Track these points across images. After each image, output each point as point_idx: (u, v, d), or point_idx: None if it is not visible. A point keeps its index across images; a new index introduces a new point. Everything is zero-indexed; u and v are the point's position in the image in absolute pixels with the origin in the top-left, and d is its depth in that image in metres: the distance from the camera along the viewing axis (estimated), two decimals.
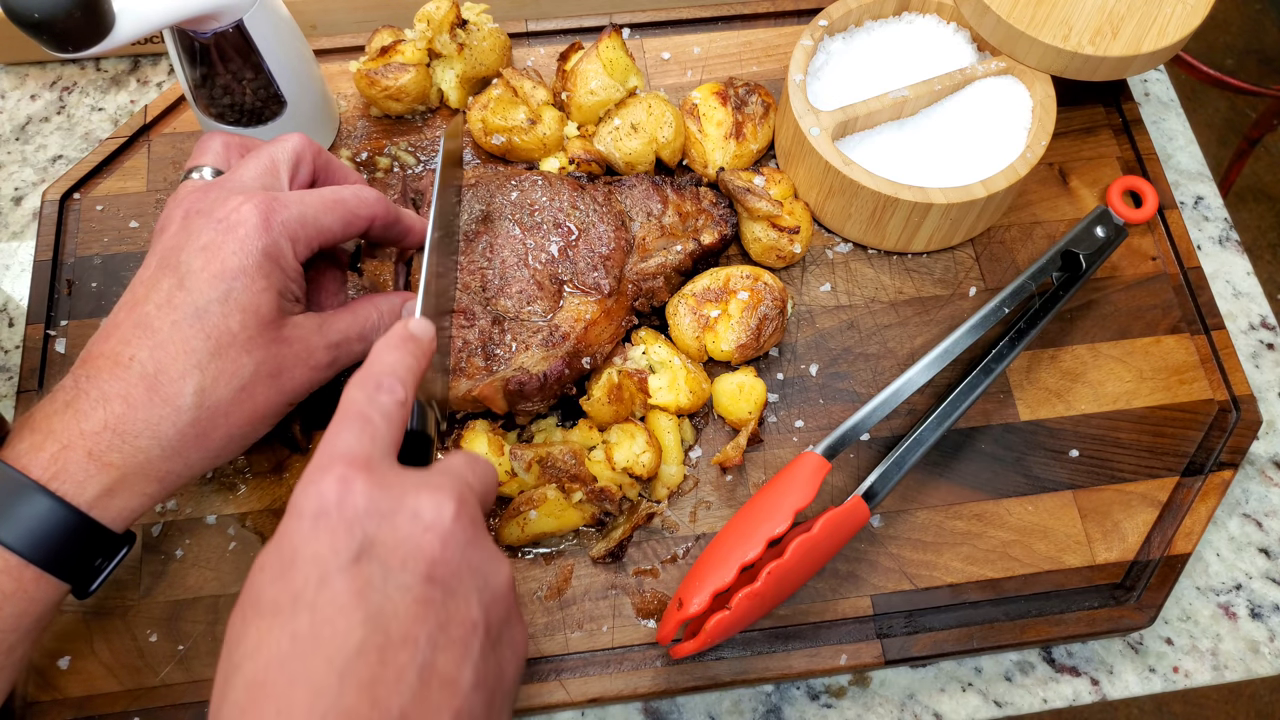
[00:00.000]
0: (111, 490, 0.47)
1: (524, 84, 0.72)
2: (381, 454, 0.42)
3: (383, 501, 0.40)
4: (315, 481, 0.40)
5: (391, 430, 0.43)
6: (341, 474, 0.40)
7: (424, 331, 0.48)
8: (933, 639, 0.60)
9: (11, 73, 0.82)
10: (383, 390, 0.44)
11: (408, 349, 0.46)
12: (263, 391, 0.51)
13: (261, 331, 0.50)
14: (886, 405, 0.61)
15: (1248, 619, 0.64)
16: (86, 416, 0.47)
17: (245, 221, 0.50)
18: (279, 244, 0.51)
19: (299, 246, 0.52)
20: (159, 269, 0.50)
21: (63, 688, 0.58)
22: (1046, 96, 0.71)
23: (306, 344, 0.53)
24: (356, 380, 0.44)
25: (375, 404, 0.43)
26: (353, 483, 0.40)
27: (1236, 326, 0.75)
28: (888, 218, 0.69)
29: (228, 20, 0.61)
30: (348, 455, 0.41)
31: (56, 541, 0.45)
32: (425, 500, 0.41)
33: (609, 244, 0.65)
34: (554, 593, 0.61)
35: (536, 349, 0.61)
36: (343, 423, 0.42)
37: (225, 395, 0.49)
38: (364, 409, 0.43)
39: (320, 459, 0.41)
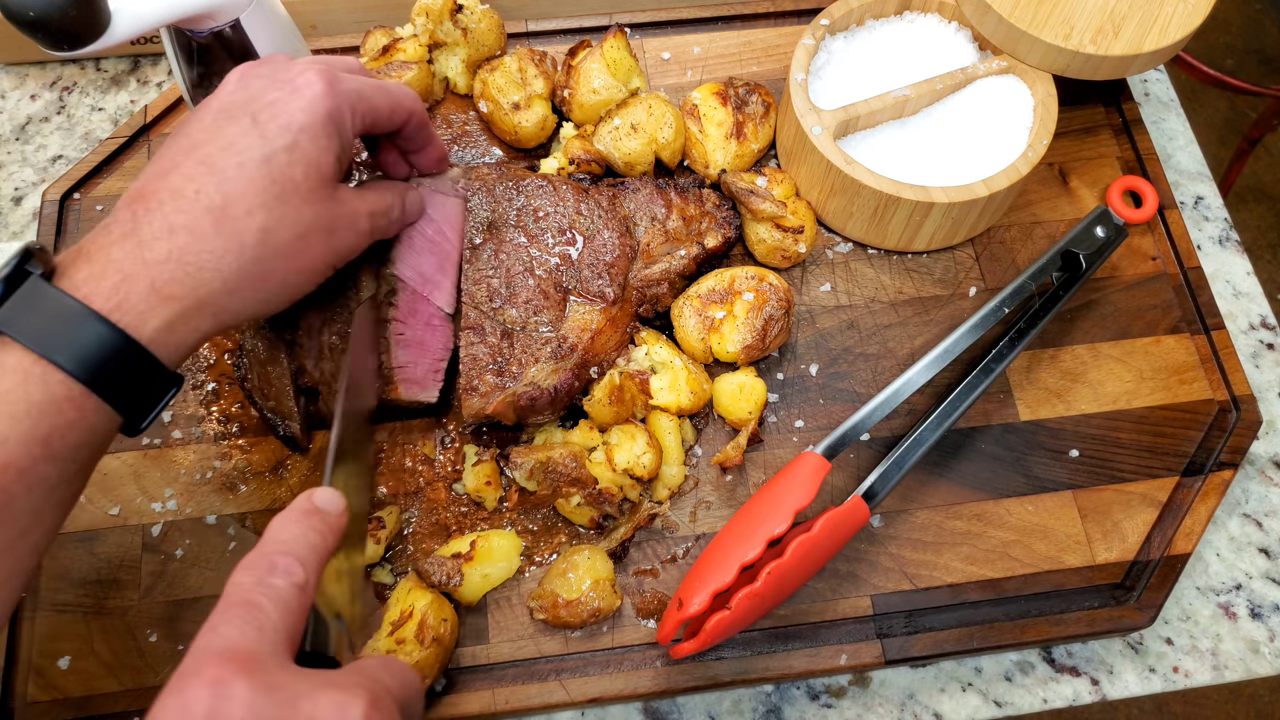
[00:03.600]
0: (171, 324, 0.46)
1: (529, 68, 0.73)
2: (271, 648, 0.35)
3: (267, 709, 0.33)
4: (179, 690, 0.34)
5: (287, 619, 0.37)
6: (215, 676, 0.33)
7: (332, 504, 0.43)
8: (933, 639, 0.60)
9: (11, 73, 0.82)
10: (276, 572, 0.38)
11: (309, 524, 0.41)
12: (318, 243, 0.51)
13: (321, 186, 0.51)
14: (886, 405, 0.61)
15: (1248, 619, 0.64)
16: (150, 246, 0.46)
17: (311, 85, 0.51)
18: (341, 110, 0.51)
19: (356, 119, 0.53)
20: (219, 118, 0.50)
21: (63, 688, 0.58)
22: (1048, 95, 0.71)
23: (353, 208, 0.54)
24: (245, 562, 0.39)
25: (266, 588, 0.37)
26: (229, 687, 0.33)
27: (1236, 326, 0.75)
28: (889, 217, 0.69)
29: (224, 19, 0.61)
30: (226, 651, 0.34)
31: (118, 372, 0.44)
32: (325, 702, 0.34)
33: (613, 251, 0.65)
34: None
35: (546, 362, 0.61)
36: (223, 613, 0.36)
37: (287, 239, 0.49)
38: (250, 594, 0.37)
39: (191, 660, 0.35)
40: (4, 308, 0.43)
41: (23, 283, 0.44)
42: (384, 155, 0.63)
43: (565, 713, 0.61)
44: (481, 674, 0.59)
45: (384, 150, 0.63)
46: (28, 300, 0.43)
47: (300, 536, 0.40)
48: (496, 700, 0.58)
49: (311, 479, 0.64)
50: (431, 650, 0.56)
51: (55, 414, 0.42)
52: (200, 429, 0.66)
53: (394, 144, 0.62)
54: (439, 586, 0.58)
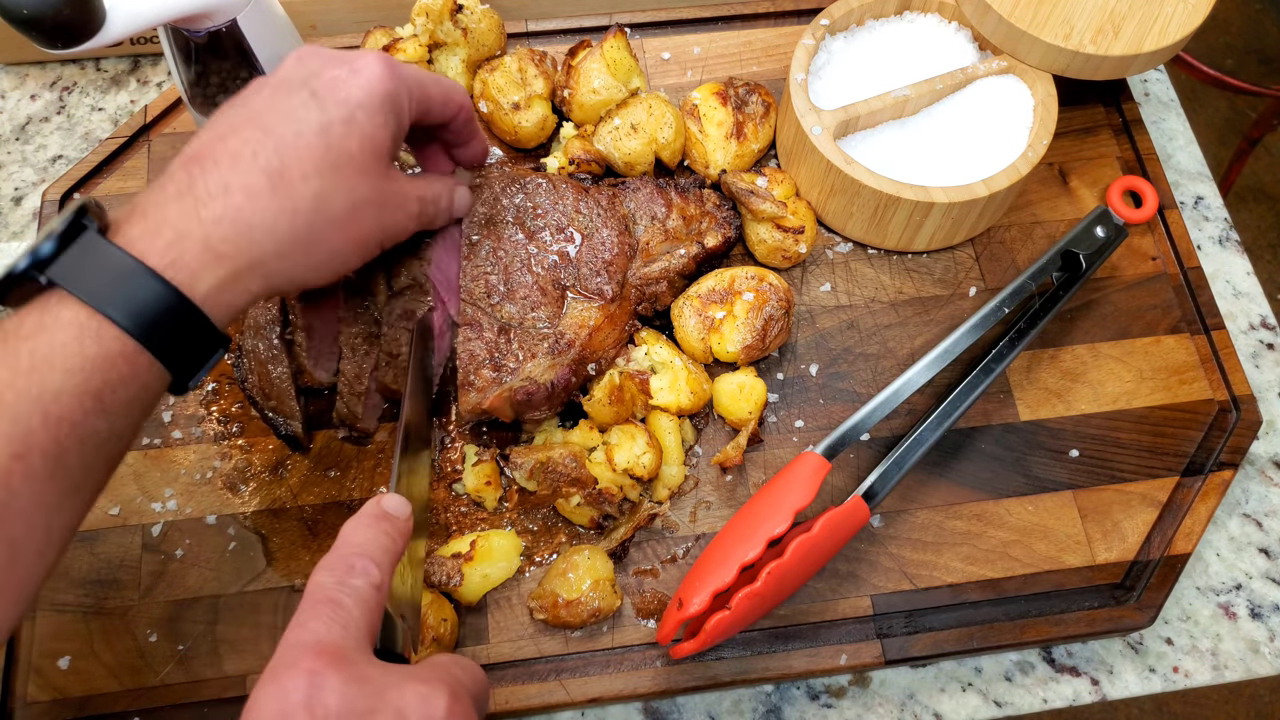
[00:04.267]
0: (223, 284, 0.46)
1: (529, 68, 0.73)
2: (356, 643, 0.38)
3: (360, 699, 0.35)
4: (278, 678, 0.35)
5: (366, 616, 0.39)
6: (310, 668, 0.35)
7: (399, 509, 0.45)
8: (933, 639, 0.60)
9: (11, 73, 0.82)
10: (355, 573, 0.40)
11: (381, 528, 0.43)
12: (369, 217, 0.52)
13: (375, 162, 0.51)
14: (886, 405, 0.61)
15: (1248, 619, 0.64)
16: (205, 205, 0.45)
17: (371, 66, 0.51)
18: (399, 92, 0.52)
19: (412, 104, 0.54)
20: (277, 90, 0.50)
21: (63, 688, 0.58)
22: (1048, 95, 0.71)
23: (404, 189, 0.55)
24: (325, 563, 0.41)
25: (347, 587, 0.39)
26: (323, 678, 0.35)
27: (1236, 326, 0.74)
28: (889, 217, 0.69)
29: (221, 19, 0.61)
30: (316, 645, 0.36)
31: (170, 330, 0.44)
32: (412, 695, 0.36)
33: (612, 249, 0.65)
34: None
35: (543, 357, 0.61)
36: (310, 610, 0.38)
37: (340, 208, 0.49)
38: (333, 593, 0.39)
39: (284, 653, 0.37)
40: (59, 262, 0.43)
41: (78, 237, 0.43)
42: (427, 150, 0.63)
43: (565, 713, 0.61)
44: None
45: (427, 145, 0.63)
46: (83, 255, 0.43)
47: (373, 540, 0.42)
48: (496, 700, 0.58)
49: (311, 478, 0.64)
50: (431, 650, 0.56)
51: (108, 369, 0.42)
52: (200, 429, 0.66)
53: (439, 138, 0.62)
54: (439, 586, 0.58)
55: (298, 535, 0.63)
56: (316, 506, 0.63)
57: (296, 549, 0.62)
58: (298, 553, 0.62)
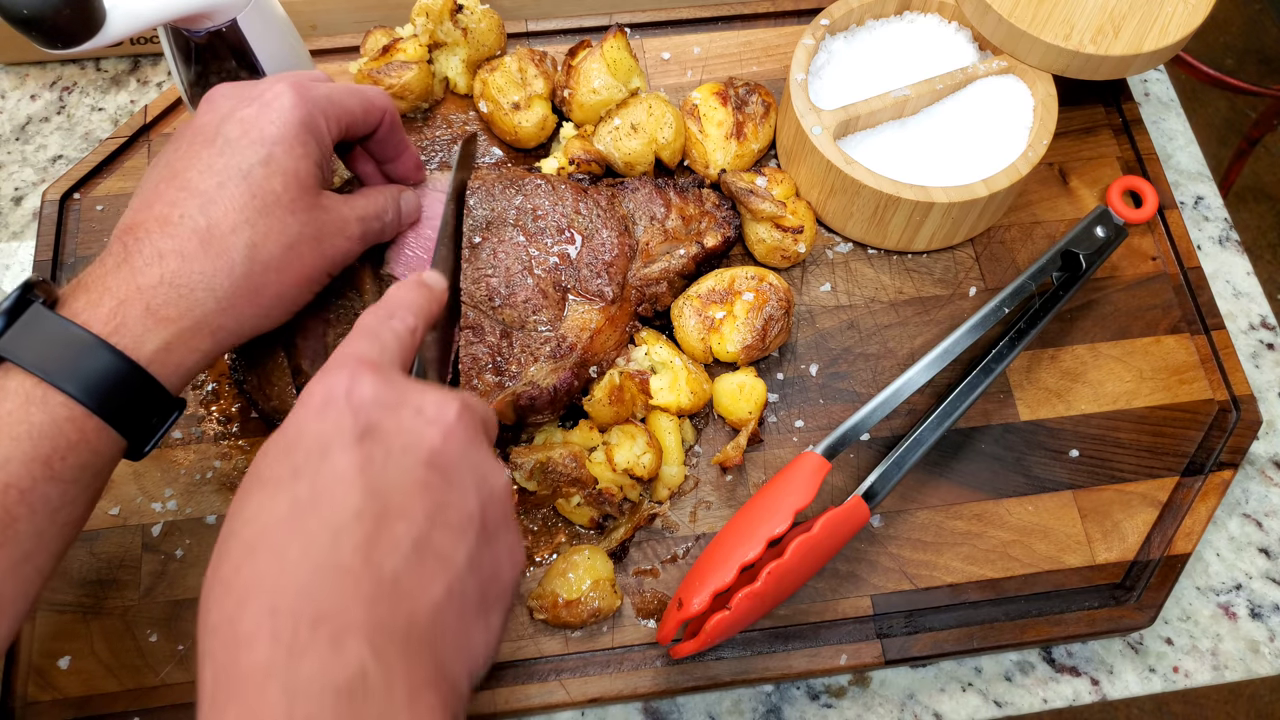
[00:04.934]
0: (169, 345, 0.48)
1: (529, 68, 0.73)
2: (390, 362, 0.43)
3: (388, 395, 0.41)
4: (325, 376, 0.41)
5: (401, 348, 0.45)
6: (352, 370, 0.41)
7: (436, 281, 0.50)
8: (933, 639, 0.60)
9: (11, 73, 0.82)
10: (395, 317, 0.46)
11: (420, 291, 0.48)
12: (309, 252, 0.53)
13: (302, 195, 0.52)
14: (886, 405, 0.61)
15: (1248, 619, 0.64)
16: (142, 273, 0.47)
17: (280, 97, 0.52)
18: (314, 117, 0.53)
19: (330, 124, 0.54)
20: (194, 143, 0.51)
21: (63, 688, 0.58)
22: (1048, 95, 0.71)
23: (340, 214, 0.55)
24: (370, 309, 0.46)
25: (387, 325, 0.45)
26: (361, 376, 0.41)
27: (1236, 326, 0.75)
28: (889, 217, 0.69)
29: (221, 19, 0.61)
30: (359, 356, 0.42)
31: (118, 394, 0.46)
32: (429, 398, 0.42)
33: (612, 250, 0.65)
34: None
35: (545, 361, 0.61)
36: (355, 336, 0.44)
37: (275, 251, 0.51)
38: (375, 328, 0.45)
39: (333, 360, 0.43)
40: (6, 336, 0.45)
41: (24, 312, 0.46)
42: (360, 166, 0.64)
43: (565, 713, 0.61)
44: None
45: (359, 160, 0.63)
46: (29, 327, 0.45)
47: (412, 298, 0.48)
48: (496, 700, 0.58)
49: None
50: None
51: (56, 435, 0.44)
52: (200, 429, 0.66)
53: (368, 152, 0.63)
54: None
55: None
56: None
57: None
58: None
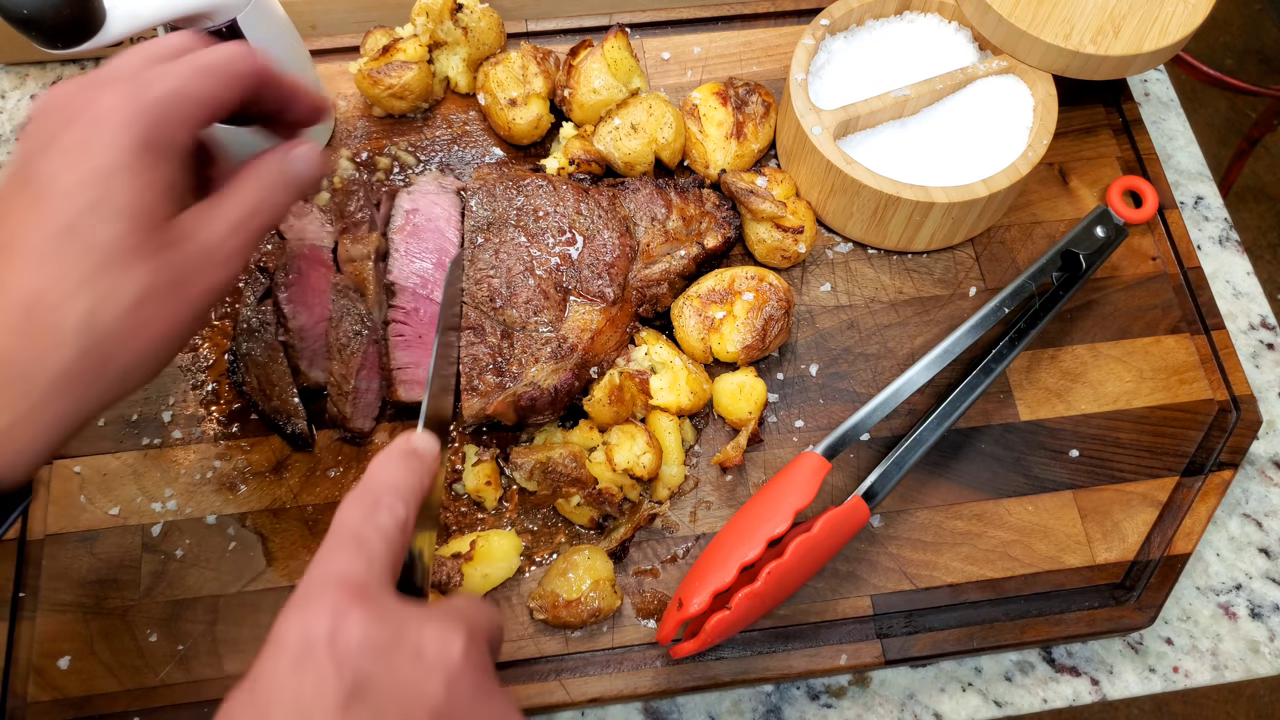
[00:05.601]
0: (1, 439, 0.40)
1: (530, 65, 0.73)
2: (379, 580, 0.38)
3: (380, 636, 0.35)
4: (303, 609, 0.35)
5: (391, 554, 0.39)
6: (335, 602, 0.35)
7: (428, 447, 0.44)
8: (933, 639, 0.60)
9: (11, 73, 0.82)
10: (382, 508, 0.40)
11: (409, 465, 0.42)
12: (168, 303, 0.43)
13: (149, 237, 0.42)
14: (886, 405, 0.61)
15: (1248, 619, 0.64)
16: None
17: (110, 113, 0.41)
18: (155, 130, 0.42)
19: (183, 128, 0.44)
20: (10, 187, 0.42)
21: (63, 688, 0.58)
22: (1048, 95, 0.71)
23: (206, 236, 0.44)
24: (352, 498, 0.40)
25: (373, 524, 0.39)
26: (347, 613, 0.35)
27: (1236, 326, 0.74)
28: (889, 217, 0.69)
29: (221, 19, 0.61)
30: (342, 580, 0.36)
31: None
32: (430, 634, 0.36)
33: (613, 251, 0.65)
34: None
35: (545, 362, 0.61)
36: (336, 543, 0.38)
37: (118, 316, 0.41)
38: (360, 529, 0.39)
39: (310, 584, 0.37)
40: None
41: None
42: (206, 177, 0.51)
43: (565, 713, 0.61)
44: None
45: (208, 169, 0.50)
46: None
47: (401, 477, 0.42)
48: None
49: (311, 478, 0.64)
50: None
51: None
52: (200, 429, 0.66)
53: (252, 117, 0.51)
54: (439, 586, 0.58)
55: (298, 535, 0.63)
56: (317, 506, 0.63)
57: (296, 549, 0.62)
58: (298, 553, 0.62)
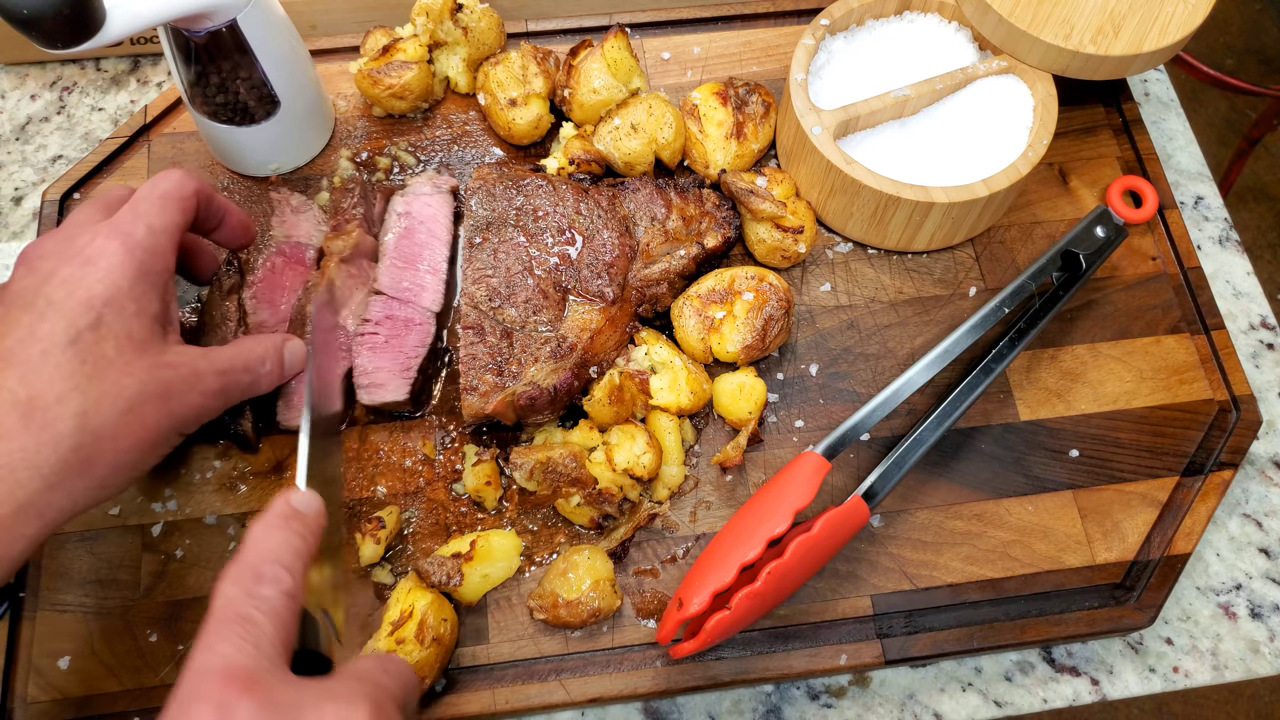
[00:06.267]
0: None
1: (531, 65, 0.73)
2: (269, 662, 0.36)
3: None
4: (185, 711, 0.34)
5: (280, 630, 0.37)
6: (219, 699, 0.34)
7: (309, 505, 0.43)
8: (933, 639, 0.60)
9: (11, 73, 0.82)
10: (264, 581, 0.38)
11: (290, 528, 0.41)
12: (151, 413, 0.47)
13: (141, 354, 0.47)
14: (886, 405, 0.61)
15: (1248, 619, 0.64)
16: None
17: (105, 253, 0.47)
18: (145, 264, 0.48)
19: (165, 258, 0.50)
20: (12, 310, 0.46)
21: (63, 688, 0.58)
22: (1048, 95, 0.71)
23: (193, 368, 0.50)
24: (231, 574, 0.38)
25: (257, 599, 0.37)
26: (234, 709, 0.33)
27: (1236, 326, 0.74)
28: (889, 217, 0.69)
29: (221, 19, 0.61)
30: (225, 671, 0.34)
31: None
32: (329, 715, 0.34)
33: (613, 251, 0.65)
34: None
35: (545, 361, 0.61)
36: (217, 630, 0.36)
37: (110, 417, 0.46)
38: (241, 608, 0.37)
39: (191, 681, 0.35)
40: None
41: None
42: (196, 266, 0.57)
43: (565, 713, 0.61)
44: (481, 674, 0.59)
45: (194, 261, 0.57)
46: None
47: (283, 542, 0.40)
48: (496, 700, 0.58)
49: None
50: (431, 650, 0.56)
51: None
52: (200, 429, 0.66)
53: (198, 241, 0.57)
54: (439, 586, 0.58)
55: None
56: None
57: None
58: None
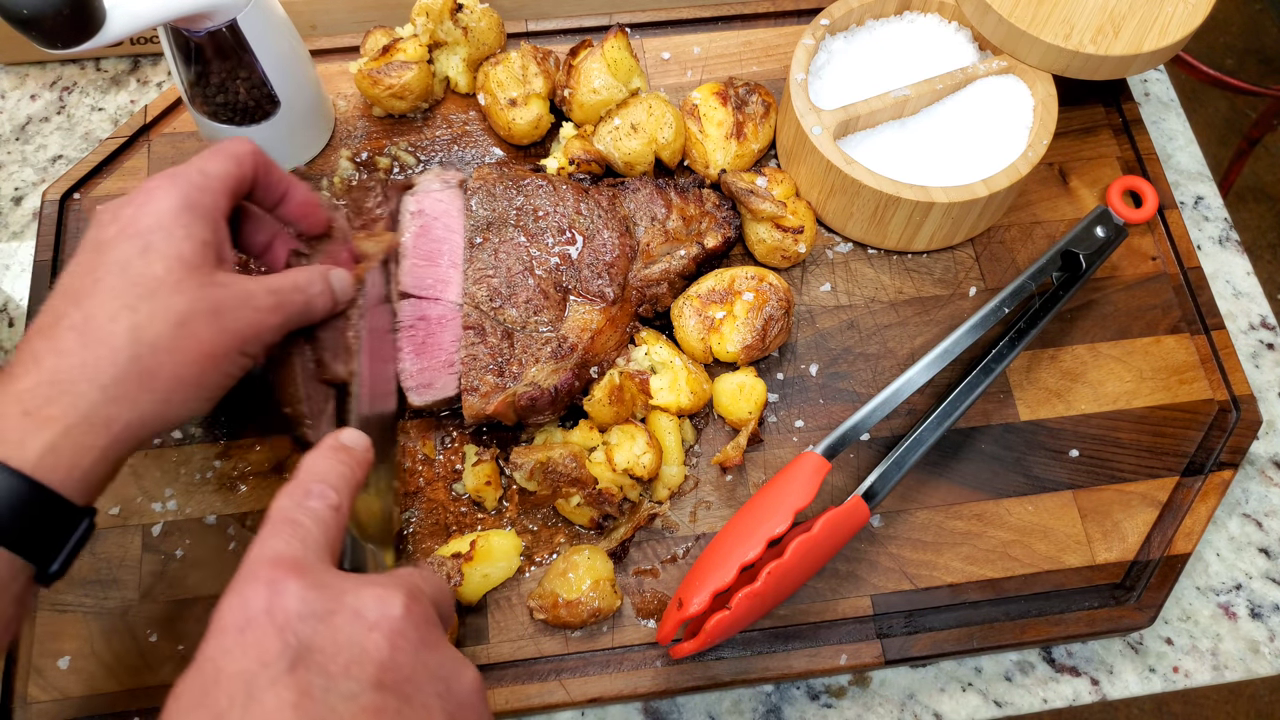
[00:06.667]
0: (55, 447, 0.43)
1: (531, 65, 0.73)
2: (315, 556, 0.39)
3: (318, 602, 0.37)
4: (238, 591, 0.37)
5: (326, 534, 0.41)
6: (269, 577, 0.37)
7: (357, 441, 0.47)
8: (933, 639, 0.60)
9: (11, 73, 0.82)
10: (313, 495, 0.42)
11: (339, 457, 0.45)
12: (205, 328, 0.48)
13: (189, 275, 0.49)
14: (886, 405, 0.61)
15: (1248, 619, 0.64)
16: (18, 379, 0.45)
17: (154, 190, 0.50)
18: (193, 196, 0.50)
19: (215, 196, 0.52)
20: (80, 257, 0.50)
21: (63, 688, 0.58)
22: (1048, 95, 0.71)
23: (244, 287, 0.51)
24: (284, 490, 0.42)
25: (305, 508, 0.41)
26: (282, 585, 0.37)
27: (1236, 326, 0.75)
28: (889, 217, 0.69)
29: (221, 19, 0.61)
30: (275, 558, 0.38)
31: (6, 510, 0.41)
32: (368, 597, 0.38)
33: (613, 251, 0.65)
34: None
35: (546, 362, 0.61)
36: (270, 529, 0.40)
37: (163, 331, 0.47)
38: (292, 514, 0.41)
39: (246, 567, 0.38)
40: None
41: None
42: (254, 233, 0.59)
43: (565, 713, 0.61)
44: (481, 674, 0.59)
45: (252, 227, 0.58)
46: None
47: (330, 468, 0.44)
48: (496, 700, 0.58)
49: None
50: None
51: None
52: (200, 429, 0.66)
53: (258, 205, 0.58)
54: None
55: None
56: None
57: None
58: None
